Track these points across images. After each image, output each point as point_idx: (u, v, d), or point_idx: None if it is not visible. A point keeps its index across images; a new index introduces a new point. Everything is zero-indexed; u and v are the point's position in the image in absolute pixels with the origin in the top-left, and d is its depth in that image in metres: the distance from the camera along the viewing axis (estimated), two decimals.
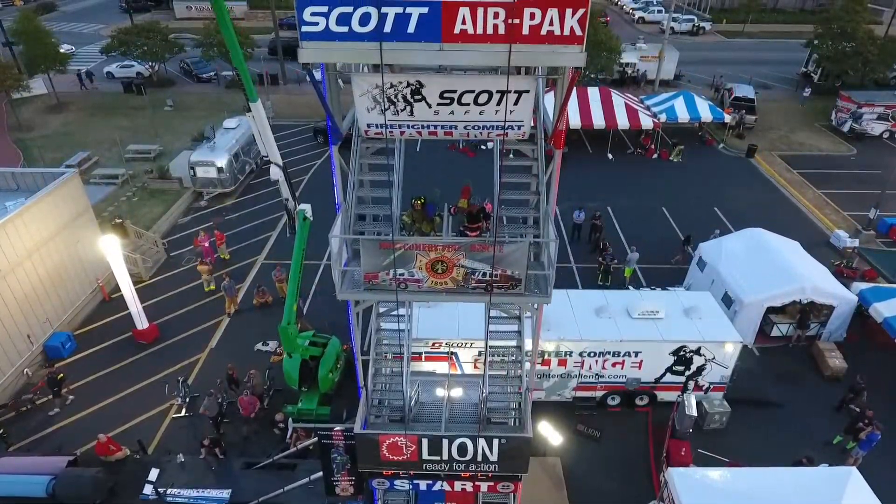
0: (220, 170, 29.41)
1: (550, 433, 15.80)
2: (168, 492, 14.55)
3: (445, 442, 10.30)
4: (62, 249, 20.64)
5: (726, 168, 33.58)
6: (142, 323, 20.44)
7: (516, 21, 6.12)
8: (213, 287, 23.60)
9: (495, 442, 10.27)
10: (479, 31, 6.22)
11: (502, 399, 11.90)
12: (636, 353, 16.87)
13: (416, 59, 6.60)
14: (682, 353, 16.84)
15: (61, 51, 39.67)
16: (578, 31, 6.20)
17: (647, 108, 35.87)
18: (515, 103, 7.35)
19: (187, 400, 18.07)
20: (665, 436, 16.63)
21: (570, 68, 7.49)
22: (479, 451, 10.39)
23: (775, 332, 20.24)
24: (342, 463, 12.77)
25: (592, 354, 16.88)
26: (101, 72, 47.01)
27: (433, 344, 16.30)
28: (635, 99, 36.70)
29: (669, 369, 17.19)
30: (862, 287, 20.13)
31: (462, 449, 10.40)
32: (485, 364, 10.08)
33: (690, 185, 31.46)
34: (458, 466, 10.64)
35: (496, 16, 6.12)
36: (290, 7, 53.62)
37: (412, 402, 12.10)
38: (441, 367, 16.49)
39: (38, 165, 31.66)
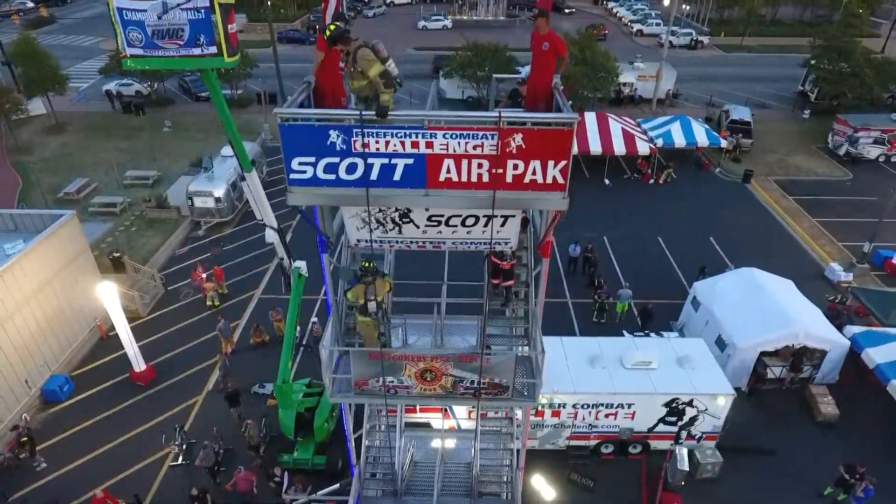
0: (217, 200, 29.53)
1: (543, 487, 15.95)
2: None
3: None
4: (60, 292, 20.76)
5: (722, 195, 33.67)
6: (139, 365, 20.57)
7: (500, 171, 6.24)
8: (217, 303, 23.87)
9: None
10: (464, 179, 6.34)
11: (494, 458, 12.08)
12: (629, 405, 17.01)
13: (401, 203, 6.72)
14: (674, 404, 16.98)
15: (61, 73, 39.64)
16: (560, 180, 6.34)
17: (644, 132, 35.97)
18: (503, 225, 7.48)
19: (184, 447, 18.19)
20: (658, 485, 16.78)
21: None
22: None
23: (769, 375, 20.35)
24: None
25: (586, 406, 17.02)
26: (100, 90, 47.16)
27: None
28: (632, 122, 36.77)
29: (662, 420, 17.33)
30: (854, 331, 20.25)
31: None
32: (475, 456, 10.18)
33: (686, 213, 31.55)
34: None
35: (480, 166, 6.25)
36: (289, 20, 54.14)
37: (406, 465, 12.28)
38: (436, 415, 16.57)
39: (37, 191, 31.84)
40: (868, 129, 36.15)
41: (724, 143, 35.36)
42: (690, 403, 16.94)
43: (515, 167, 6.21)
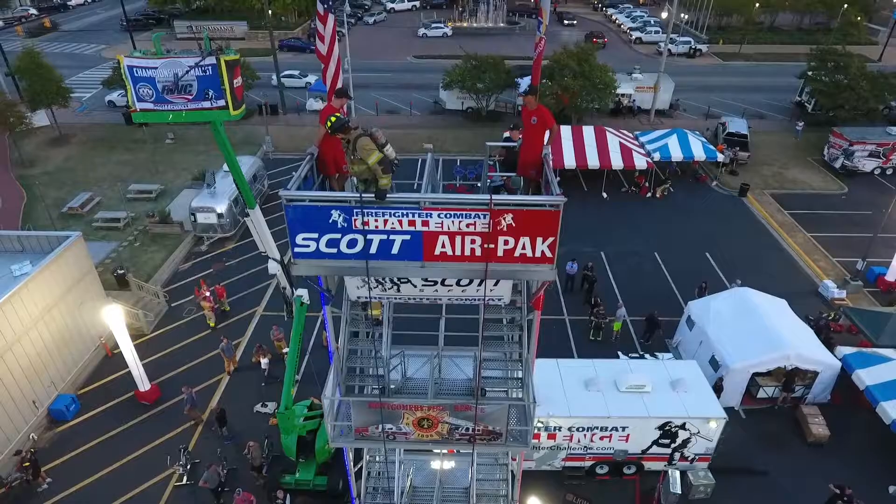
0: (220, 216, 29.95)
1: None
2: None
3: None
4: (66, 313, 21.18)
5: (719, 209, 34.04)
6: (144, 385, 20.98)
7: (491, 246, 6.64)
8: (213, 324, 24.35)
9: None
10: (458, 253, 6.73)
11: (490, 486, 12.50)
12: (623, 428, 17.41)
13: (398, 274, 7.12)
14: (667, 427, 17.38)
15: (64, 86, 40.06)
16: (549, 254, 6.72)
17: (642, 145, 36.37)
18: (495, 284, 7.87)
19: (188, 467, 18.61)
20: None
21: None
22: None
23: (761, 394, 20.77)
24: None
25: (581, 429, 17.42)
26: (103, 100, 47.63)
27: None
28: (630, 136, 37.18)
29: (656, 442, 17.72)
30: (846, 352, 20.63)
31: None
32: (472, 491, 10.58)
33: (683, 229, 31.93)
34: None
35: (473, 241, 6.64)
36: (289, 27, 54.40)
37: (406, 489, 12.70)
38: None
39: (41, 205, 32.20)
40: (863, 142, 36.53)
41: (720, 157, 35.74)
42: (683, 427, 17.34)
43: (506, 243, 6.61)
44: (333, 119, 7.20)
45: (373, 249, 6.76)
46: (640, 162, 34.27)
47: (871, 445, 19.12)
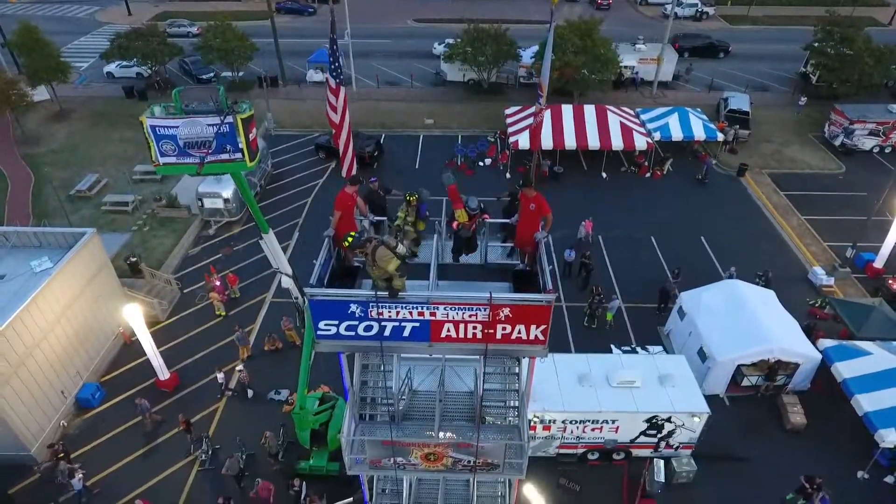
0: (226, 200, 30.58)
1: (534, 496, 17.85)
2: None
3: None
4: (86, 306, 22.21)
5: (717, 190, 34.51)
6: (163, 374, 22.25)
7: (491, 331, 7.49)
8: (222, 313, 25.47)
9: None
10: (461, 336, 7.59)
11: (489, 489, 13.83)
12: (614, 421, 18.73)
13: (409, 352, 8.00)
14: (654, 420, 18.69)
15: (63, 61, 39.81)
16: (541, 337, 7.57)
17: (642, 124, 36.50)
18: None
19: (209, 453, 20.07)
20: (638, 491, 18.69)
21: None
22: None
23: (745, 383, 22.00)
24: None
25: (574, 422, 18.74)
26: (102, 72, 47.27)
27: None
28: (631, 113, 37.25)
29: (643, 433, 19.09)
30: (827, 344, 21.73)
31: None
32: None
33: (680, 211, 32.53)
34: None
35: (475, 327, 7.48)
36: None
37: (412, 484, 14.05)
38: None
39: (49, 187, 32.72)
40: (864, 121, 36.62)
41: (720, 137, 35.91)
42: (669, 420, 18.66)
43: (504, 328, 7.45)
44: (351, 239, 7.86)
45: (386, 333, 7.62)
46: (641, 142, 34.51)
47: (845, 434, 20.45)
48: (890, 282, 26.49)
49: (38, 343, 19.81)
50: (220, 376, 21.90)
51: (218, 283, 25.99)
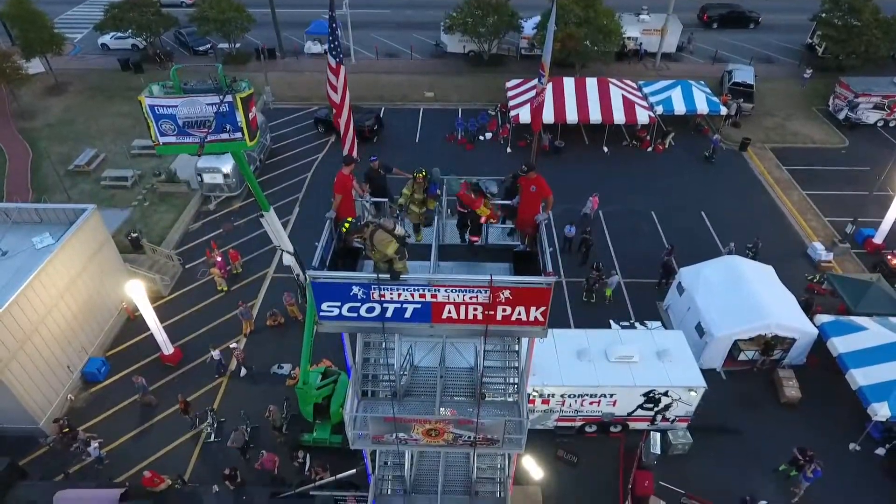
0: (226, 176, 30.48)
1: (532, 468, 18.28)
2: None
3: None
4: (89, 282, 22.35)
5: (718, 164, 34.30)
6: (167, 349, 22.53)
7: (491, 313, 7.58)
8: (224, 288, 25.66)
9: None
10: (462, 317, 7.69)
11: (490, 462, 14.19)
12: (611, 395, 19.05)
13: (411, 333, 8.11)
14: (651, 394, 19.01)
15: (57, 33, 39.16)
16: (541, 318, 7.67)
17: (645, 97, 36.10)
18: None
19: (215, 426, 20.48)
20: (634, 463, 19.12)
21: None
22: None
23: (742, 357, 22.28)
24: None
25: (572, 396, 19.06)
26: (96, 43, 46.53)
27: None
28: (633, 86, 36.80)
29: (640, 406, 19.42)
30: (824, 320, 21.93)
31: None
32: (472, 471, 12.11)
33: (681, 186, 32.44)
34: None
35: (475, 309, 7.57)
36: None
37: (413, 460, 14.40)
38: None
39: (47, 162, 32.54)
40: (868, 94, 36.19)
41: (723, 111, 35.54)
42: (666, 394, 18.97)
43: (504, 310, 7.54)
44: (347, 226, 7.86)
45: (388, 314, 7.72)
46: (643, 116, 34.19)
47: (838, 408, 20.79)
48: (889, 257, 26.57)
49: (43, 319, 20.02)
50: (214, 354, 22.08)
51: (219, 258, 26.10)
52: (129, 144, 34.52)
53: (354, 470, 17.11)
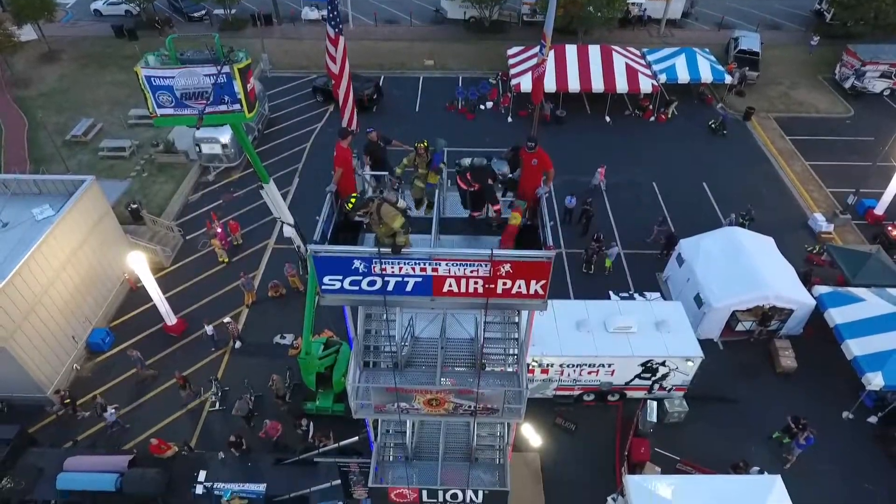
0: (224, 146, 30.25)
1: (531, 435, 18.68)
2: (215, 486, 17.70)
3: (441, 493, 12.93)
4: (90, 253, 22.42)
5: (721, 135, 33.93)
6: (170, 320, 22.74)
7: (491, 286, 7.63)
8: (225, 259, 25.77)
9: (480, 492, 12.91)
10: (462, 290, 7.74)
11: (490, 430, 14.51)
12: (610, 365, 19.31)
13: (412, 306, 8.16)
14: (649, 364, 19.27)
15: None
16: (541, 292, 7.72)
17: (648, 65, 35.52)
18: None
19: (220, 395, 20.83)
20: (631, 430, 19.52)
21: None
22: (468, 497, 13.06)
23: (739, 328, 22.51)
24: (357, 479, 15.77)
25: (571, 366, 19.33)
26: (88, 9, 45.59)
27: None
28: (637, 54, 36.18)
29: (638, 376, 19.71)
30: (822, 291, 22.05)
31: (454, 496, 13.05)
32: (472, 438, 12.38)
33: (683, 155, 32.20)
34: None
35: (476, 282, 7.62)
36: None
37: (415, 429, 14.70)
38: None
39: (44, 132, 32.26)
40: (876, 62, 35.58)
41: (728, 79, 34.99)
42: (663, 363, 19.23)
43: (504, 283, 7.58)
44: (353, 202, 7.76)
45: (389, 288, 7.77)
46: (646, 85, 33.71)
47: (833, 377, 21.03)
48: (889, 229, 26.55)
49: (46, 290, 20.15)
50: (208, 329, 22.19)
51: (220, 230, 26.10)
52: (126, 114, 34.15)
53: (357, 437, 17.44)
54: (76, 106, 35.51)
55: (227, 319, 22.84)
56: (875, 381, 18.93)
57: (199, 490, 17.50)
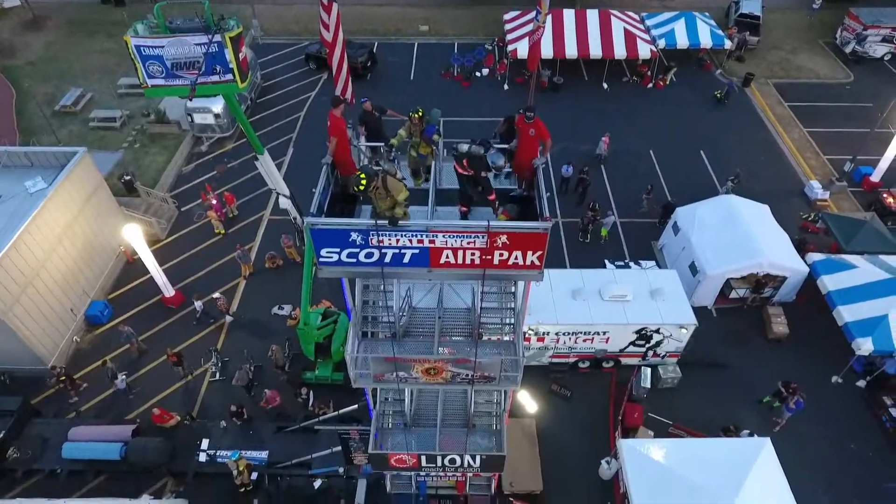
0: (217, 116, 29.84)
1: (528, 401, 19.05)
2: (217, 454, 18.10)
3: (439, 458, 13.26)
4: (85, 226, 22.32)
5: (719, 102, 33.60)
6: (168, 292, 22.81)
7: (488, 257, 7.67)
8: (221, 231, 25.73)
9: (477, 457, 13.25)
10: (460, 261, 7.77)
11: (487, 397, 14.80)
12: (605, 333, 19.57)
13: (408, 278, 8.20)
14: (643, 331, 19.54)
15: None
16: (537, 262, 7.76)
17: (647, 30, 34.90)
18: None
19: (219, 365, 21.08)
20: (625, 396, 19.91)
21: None
22: (465, 461, 13.41)
23: (733, 295, 22.74)
24: (357, 445, 16.14)
25: (567, 334, 19.58)
26: None
27: None
28: (636, 19, 35.52)
29: (633, 343, 20.01)
30: (816, 258, 22.22)
31: (452, 460, 13.41)
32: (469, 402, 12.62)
33: (680, 123, 31.93)
34: (450, 469, 13.75)
35: (473, 254, 7.65)
36: None
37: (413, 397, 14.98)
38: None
39: (32, 102, 31.70)
40: (878, 26, 35.04)
41: (728, 45, 34.45)
42: (658, 331, 19.49)
43: (501, 255, 7.62)
44: (363, 185, 7.54)
45: (387, 259, 7.80)
46: (644, 51, 33.20)
47: (824, 343, 21.34)
48: (884, 196, 26.60)
49: (43, 263, 20.13)
50: (198, 305, 22.22)
51: (215, 201, 25.95)
52: (115, 83, 33.52)
53: (356, 405, 17.77)
54: (64, 75, 34.80)
55: (216, 295, 22.68)
56: (865, 346, 19.26)
57: (203, 458, 17.88)
